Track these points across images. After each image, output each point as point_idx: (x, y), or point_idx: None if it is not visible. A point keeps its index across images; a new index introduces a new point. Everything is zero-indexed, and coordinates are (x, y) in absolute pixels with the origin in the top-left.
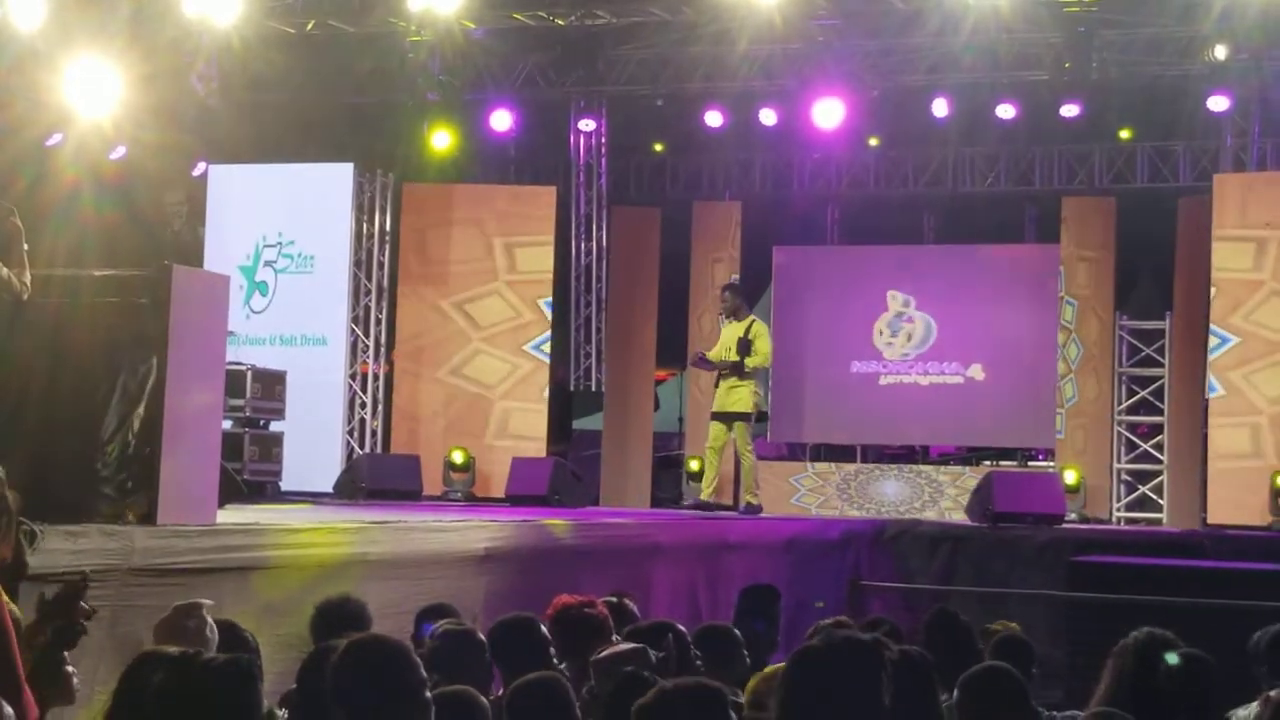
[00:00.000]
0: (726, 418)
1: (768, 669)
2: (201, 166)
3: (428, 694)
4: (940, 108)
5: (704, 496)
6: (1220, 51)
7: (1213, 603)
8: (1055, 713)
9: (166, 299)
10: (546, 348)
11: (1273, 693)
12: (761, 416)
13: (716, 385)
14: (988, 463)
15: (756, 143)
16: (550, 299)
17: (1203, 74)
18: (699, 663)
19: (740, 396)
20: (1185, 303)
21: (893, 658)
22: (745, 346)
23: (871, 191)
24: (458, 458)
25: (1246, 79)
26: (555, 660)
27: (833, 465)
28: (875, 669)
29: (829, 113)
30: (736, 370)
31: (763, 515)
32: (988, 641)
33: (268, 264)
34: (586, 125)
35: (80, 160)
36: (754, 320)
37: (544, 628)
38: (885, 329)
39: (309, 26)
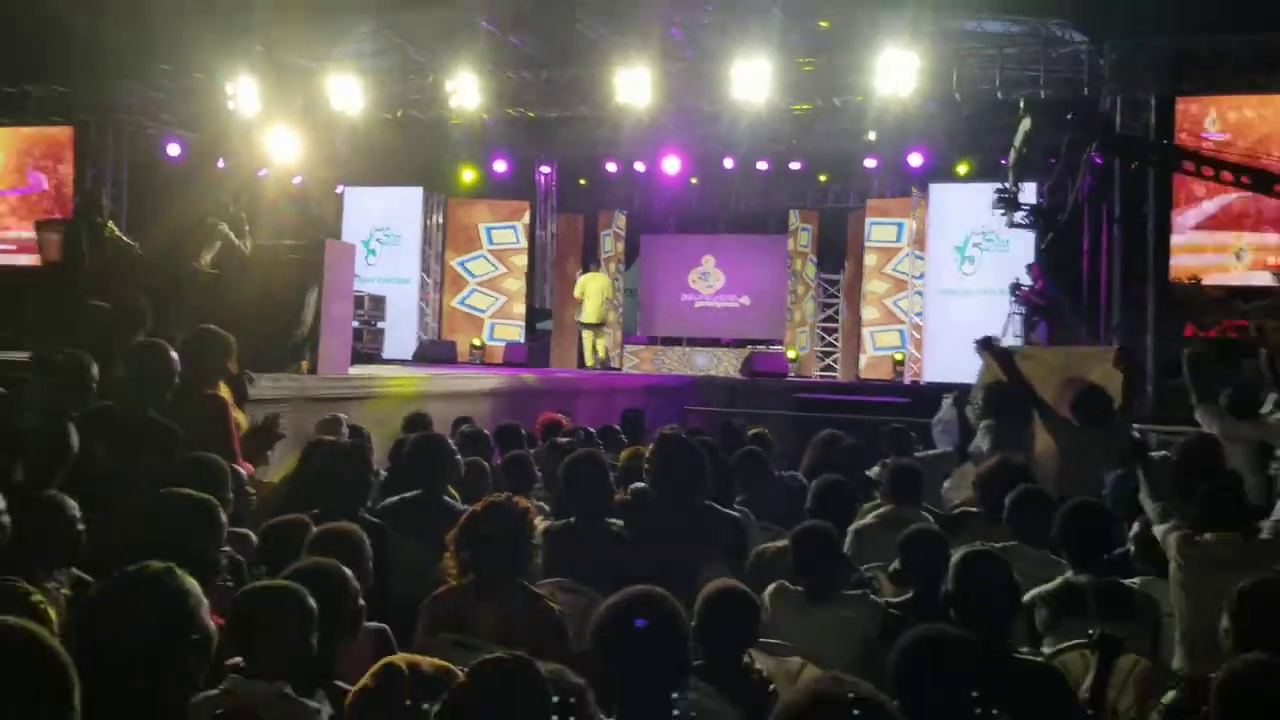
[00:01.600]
0: (588, 327)
1: (635, 448)
2: (340, 188)
3: (459, 458)
4: (728, 163)
5: (591, 363)
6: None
7: (861, 417)
8: (783, 473)
9: (322, 257)
10: (520, 287)
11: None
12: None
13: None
14: (749, 346)
15: (635, 180)
16: (525, 261)
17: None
18: (601, 443)
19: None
20: (854, 262)
21: (707, 441)
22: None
23: (694, 206)
24: (475, 342)
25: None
26: (529, 445)
27: (672, 347)
28: (697, 449)
29: (671, 164)
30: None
31: (633, 372)
32: (751, 437)
33: (376, 240)
34: (545, 169)
35: (276, 184)
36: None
37: (523, 430)
38: (699, 276)
39: (398, 114)
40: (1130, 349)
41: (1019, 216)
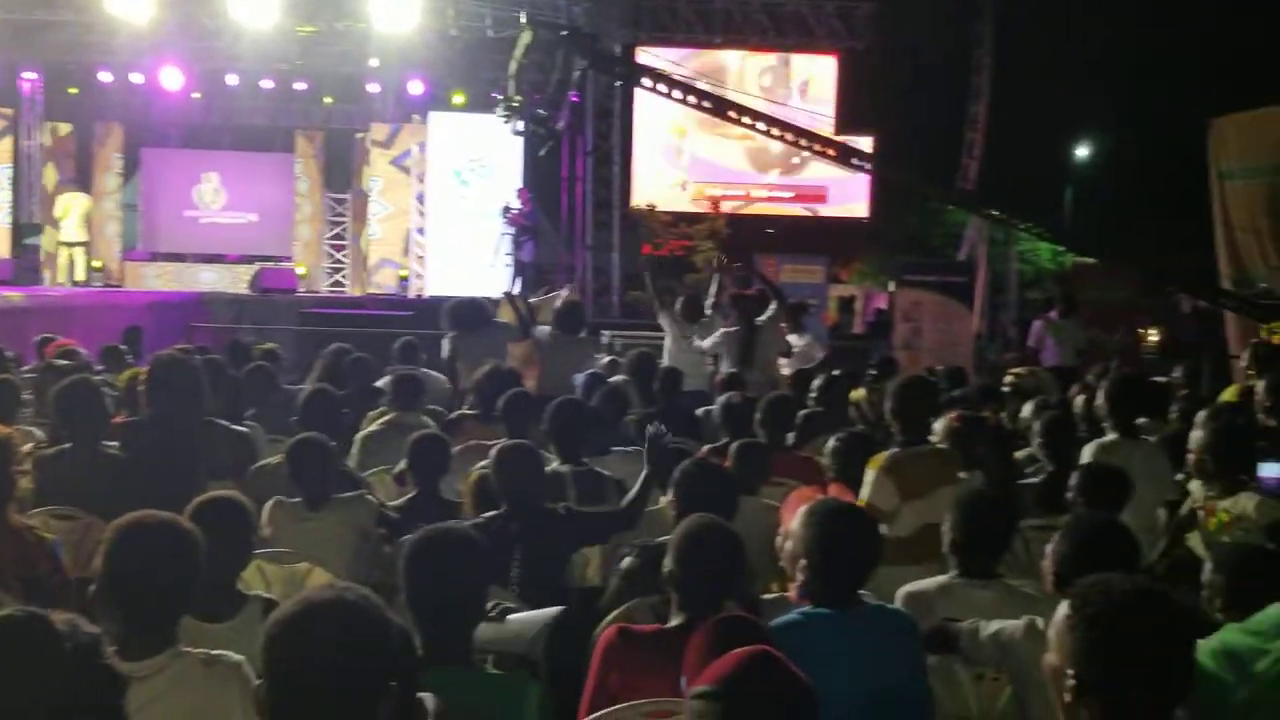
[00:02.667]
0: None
1: (134, 370)
2: None
3: None
4: (232, 79)
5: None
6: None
7: (370, 330)
8: (292, 387)
9: None
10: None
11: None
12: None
13: None
14: (258, 263)
15: (132, 91)
16: (10, 173)
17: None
18: (102, 366)
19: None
20: (360, 182)
21: (212, 359)
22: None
23: (197, 121)
24: None
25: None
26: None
27: (177, 263)
28: (193, 367)
29: (171, 77)
30: None
31: (135, 289)
32: (260, 353)
33: None
34: (29, 75)
35: None
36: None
37: (7, 351)
38: (204, 192)
39: None
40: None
41: (520, 127)
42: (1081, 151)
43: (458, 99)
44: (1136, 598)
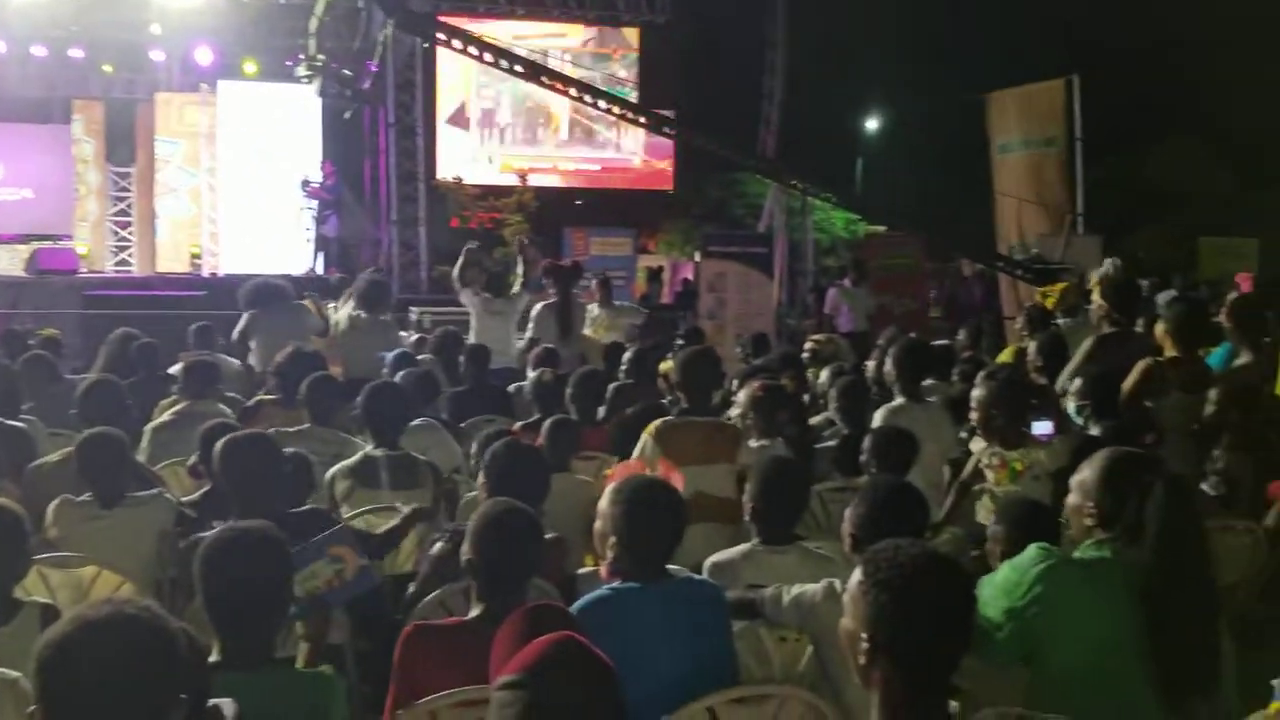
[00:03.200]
0: None
1: None
2: None
3: None
4: (0, 47)
5: None
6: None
7: (160, 313)
8: (74, 376)
9: None
10: None
11: None
12: None
13: None
14: (34, 242)
15: None
16: None
17: None
18: None
19: None
20: (145, 155)
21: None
22: None
23: None
24: None
25: None
26: None
27: None
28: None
29: None
30: None
31: None
32: (39, 341)
33: None
34: None
35: None
36: None
37: None
38: None
39: None
40: None
41: (322, 86)
42: (870, 124)
43: (249, 68)
44: (923, 562)
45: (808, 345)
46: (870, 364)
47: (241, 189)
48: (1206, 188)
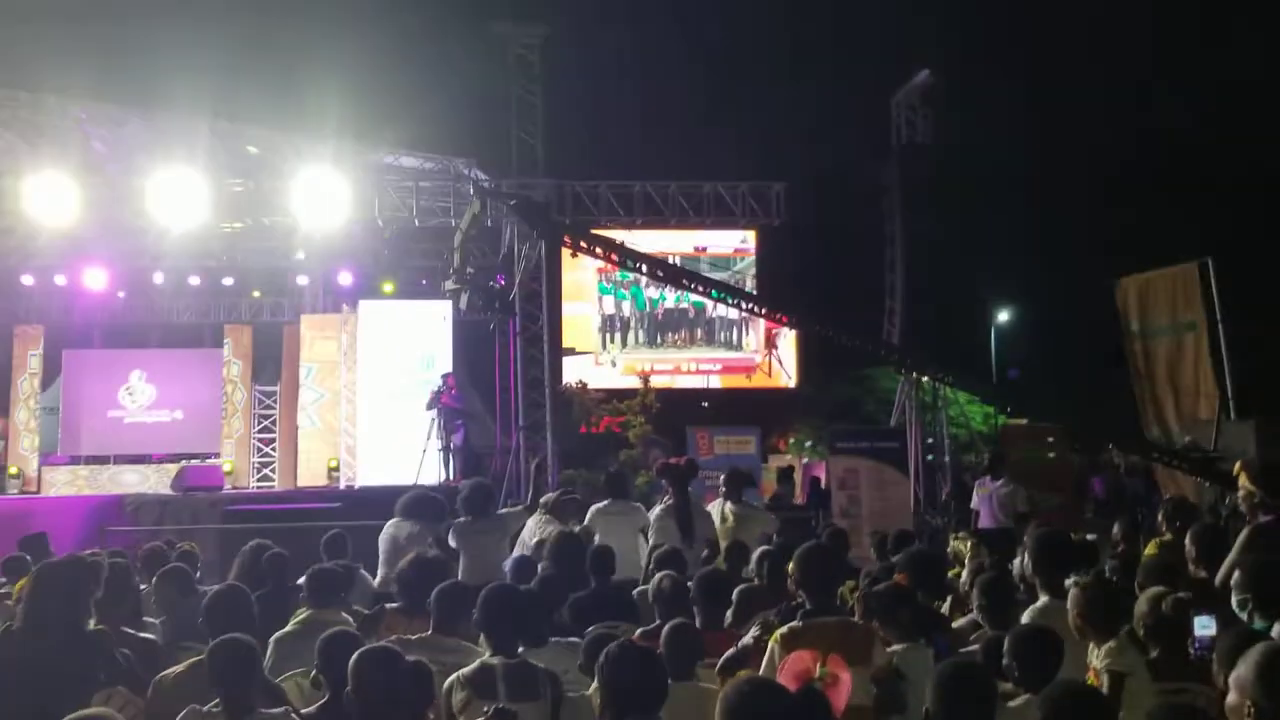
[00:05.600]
0: None
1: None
2: None
3: None
4: (158, 277)
5: None
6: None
7: (295, 525)
8: (208, 588)
9: None
10: None
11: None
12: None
13: None
14: (183, 460)
15: (54, 293)
16: None
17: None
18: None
19: None
20: (289, 374)
21: (119, 563)
22: None
23: (122, 319)
24: None
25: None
26: None
27: (100, 466)
28: (74, 573)
29: (95, 278)
30: None
31: (48, 495)
32: (177, 555)
33: None
34: None
35: None
36: None
37: None
38: (128, 391)
39: None
40: None
41: (470, 299)
42: (1001, 317)
43: (387, 288)
44: None
45: (952, 545)
46: (1016, 563)
47: (378, 403)
48: None
